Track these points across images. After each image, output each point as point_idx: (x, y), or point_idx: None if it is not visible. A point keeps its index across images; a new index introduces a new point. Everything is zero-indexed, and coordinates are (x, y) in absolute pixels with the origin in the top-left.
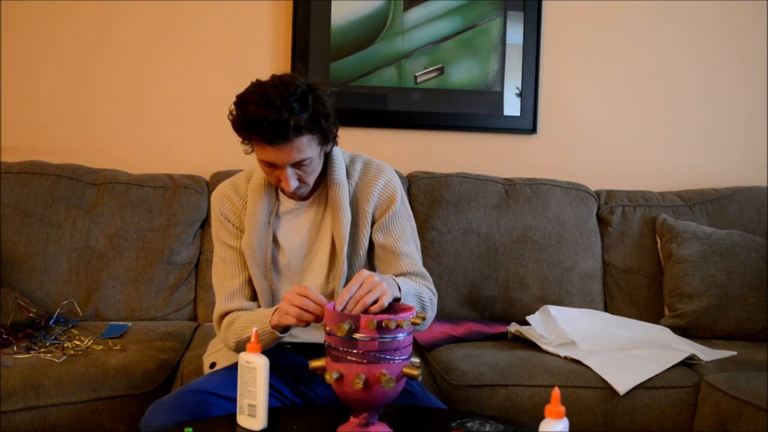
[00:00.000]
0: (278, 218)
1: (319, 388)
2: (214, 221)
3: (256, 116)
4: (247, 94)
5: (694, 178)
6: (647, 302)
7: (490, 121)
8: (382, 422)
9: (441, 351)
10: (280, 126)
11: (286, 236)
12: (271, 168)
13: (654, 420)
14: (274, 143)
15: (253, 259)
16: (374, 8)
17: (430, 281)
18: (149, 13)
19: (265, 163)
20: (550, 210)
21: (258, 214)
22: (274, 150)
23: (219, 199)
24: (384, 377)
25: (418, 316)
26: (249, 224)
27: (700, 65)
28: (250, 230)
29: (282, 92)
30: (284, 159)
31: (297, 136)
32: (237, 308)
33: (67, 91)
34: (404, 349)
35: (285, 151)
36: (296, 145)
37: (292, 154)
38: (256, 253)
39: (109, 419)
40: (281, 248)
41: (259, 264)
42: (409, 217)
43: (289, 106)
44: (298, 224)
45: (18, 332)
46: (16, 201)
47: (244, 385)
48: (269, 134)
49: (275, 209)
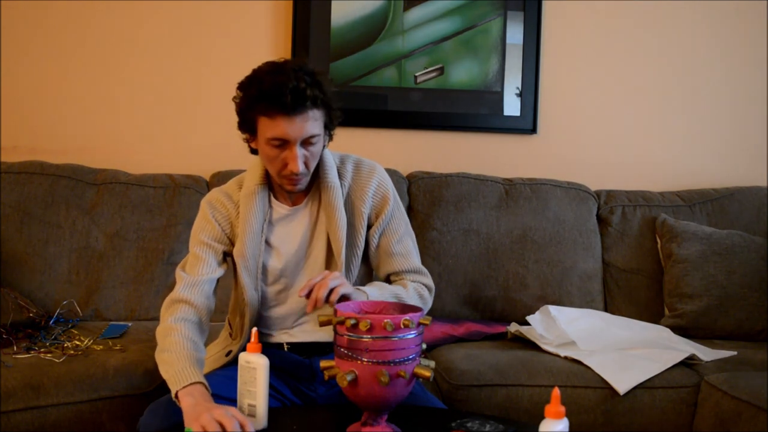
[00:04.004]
0: (272, 225)
1: (318, 388)
2: (200, 222)
3: (275, 84)
4: (258, 71)
5: (694, 178)
6: (647, 302)
7: (490, 121)
8: (389, 423)
9: (441, 351)
10: (299, 93)
11: (281, 241)
12: (278, 150)
13: (654, 420)
14: (292, 112)
15: (245, 269)
16: (374, 8)
17: (427, 275)
18: (149, 13)
19: (273, 143)
20: (550, 210)
21: (251, 222)
22: (288, 122)
23: (212, 203)
24: (403, 375)
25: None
26: (242, 232)
27: (700, 65)
28: (243, 238)
29: (295, 66)
30: (297, 132)
31: (312, 108)
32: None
33: (67, 91)
34: (416, 348)
35: (298, 123)
36: (311, 116)
37: (305, 127)
38: (249, 261)
39: (109, 419)
40: (278, 253)
41: (251, 273)
42: (402, 214)
43: (304, 77)
44: (292, 229)
45: (18, 332)
46: (16, 201)
47: (244, 385)
48: (287, 101)
49: (268, 216)
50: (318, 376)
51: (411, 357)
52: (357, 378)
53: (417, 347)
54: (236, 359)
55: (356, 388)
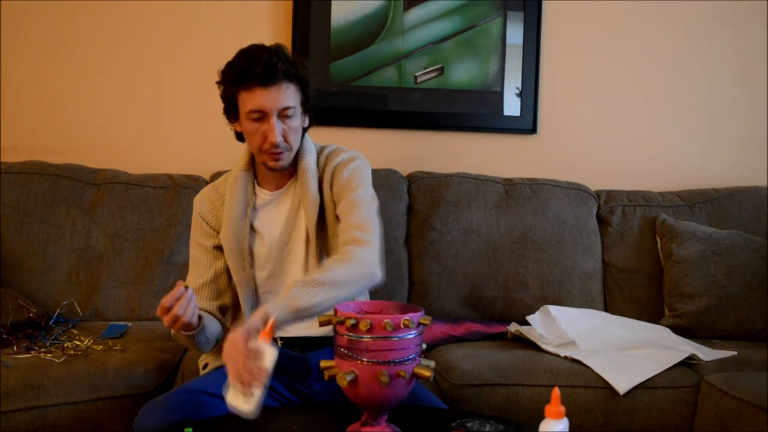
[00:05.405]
0: (255, 210)
1: (314, 384)
2: (192, 222)
3: (248, 59)
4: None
5: (694, 178)
6: (647, 302)
7: (490, 121)
8: (389, 423)
9: (441, 351)
10: (270, 66)
11: (265, 226)
12: (257, 123)
13: (654, 420)
14: (265, 83)
15: (230, 250)
16: (374, 8)
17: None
18: (149, 13)
19: (252, 116)
20: (550, 210)
21: (235, 206)
22: (263, 92)
23: (199, 200)
24: (403, 375)
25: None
26: (226, 216)
27: (701, 65)
28: (227, 221)
29: (270, 47)
30: (272, 103)
31: (285, 81)
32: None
33: (66, 91)
34: (416, 348)
35: (273, 94)
36: (284, 88)
37: (280, 98)
38: (233, 243)
39: (109, 419)
40: (262, 238)
41: (236, 254)
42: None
43: (276, 54)
44: (275, 214)
45: (18, 332)
46: (16, 201)
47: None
48: (260, 73)
49: (252, 202)
50: (313, 372)
51: (411, 357)
52: (357, 378)
53: (417, 347)
54: None
55: (356, 388)
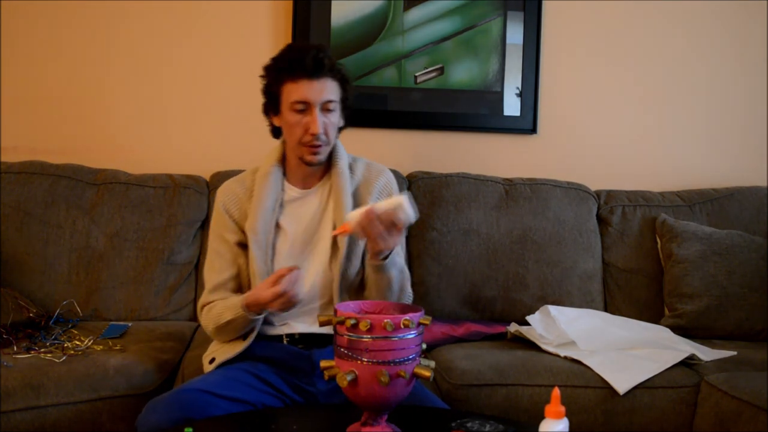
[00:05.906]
0: (282, 207)
1: (318, 382)
2: (215, 214)
3: (298, 51)
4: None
5: (694, 178)
6: (647, 302)
7: (490, 121)
8: (389, 423)
9: (441, 351)
10: (319, 60)
11: (290, 223)
12: (300, 115)
13: (654, 420)
14: (312, 75)
15: (256, 242)
16: (374, 8)
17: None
18: (149, 13)
19: (296, 107)
20: (550, 210)
21: (264, 200)
22: (309, 84)
23: (223, 192)
24: (403, 375)
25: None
26: (255, 208)
27: (700, 65)
28: (255, 214)
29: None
30: (317, 95)
31: (330, 75)
32: (219, 299)
33: (67, 91)
34: (416, 348)
35: (318, 86)
36: (329, 82)
37: (324, 91)
38: (260, 236)
39: (109, 419)
40: (285, 234)
41: (261, 247)
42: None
43: (323, 51)
44: (302, 211)
45: (18, 332)
46: (16, 201)
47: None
48: (309, 65)
49: (280, 198)
50: (317, 370)
51: (411, 357)
52: (357, 378)
53: (417, 347)
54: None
55: (356, 388)
